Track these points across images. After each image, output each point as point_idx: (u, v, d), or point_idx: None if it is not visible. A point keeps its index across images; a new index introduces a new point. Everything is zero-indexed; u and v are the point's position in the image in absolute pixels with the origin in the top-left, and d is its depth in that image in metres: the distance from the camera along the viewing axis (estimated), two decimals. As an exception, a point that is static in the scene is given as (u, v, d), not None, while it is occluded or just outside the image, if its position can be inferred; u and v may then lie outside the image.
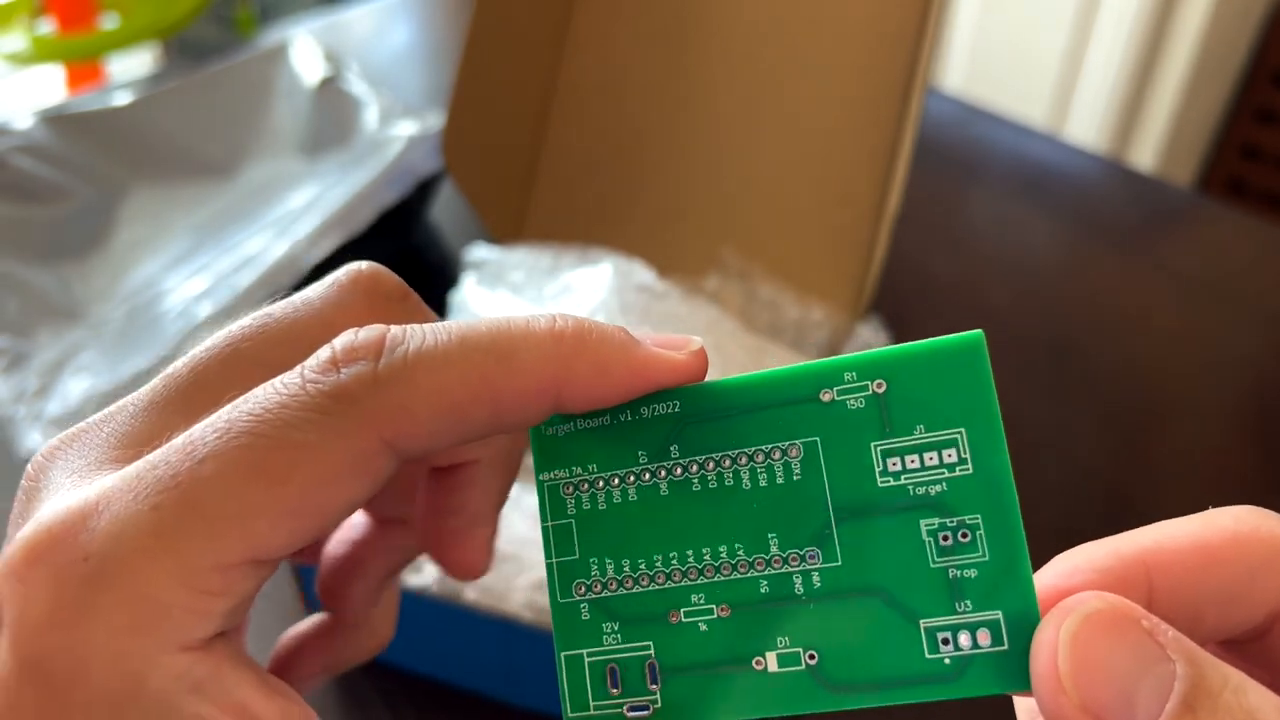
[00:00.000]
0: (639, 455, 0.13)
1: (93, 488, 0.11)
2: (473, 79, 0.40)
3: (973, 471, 0.12)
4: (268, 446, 0.11)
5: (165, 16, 0.91)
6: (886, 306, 0.37)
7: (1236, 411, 0.42)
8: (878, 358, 0.13)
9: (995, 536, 0.12)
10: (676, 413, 0.13)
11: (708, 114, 0.41)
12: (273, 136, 0.55)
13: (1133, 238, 0.53)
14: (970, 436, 0.12)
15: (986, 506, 0.12)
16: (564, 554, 0.13)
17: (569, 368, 0.12)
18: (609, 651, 0.13)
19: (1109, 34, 1.06)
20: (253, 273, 0.43)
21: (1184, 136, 1.14)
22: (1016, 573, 0.12)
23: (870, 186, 0.39)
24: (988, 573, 0.12)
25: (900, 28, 0.38)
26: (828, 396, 0.12)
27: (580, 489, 0.13)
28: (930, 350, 0.13)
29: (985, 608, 0.12)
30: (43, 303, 0.46)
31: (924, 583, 0.12)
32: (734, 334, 0.33)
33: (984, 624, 0.12)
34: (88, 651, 0.10)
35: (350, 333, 0.12)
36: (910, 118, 0.35)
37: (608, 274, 0.31)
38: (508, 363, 0.12)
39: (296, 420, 0.11)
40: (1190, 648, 0.11)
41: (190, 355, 0.13)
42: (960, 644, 0.12)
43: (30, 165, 0.50)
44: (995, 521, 0.12)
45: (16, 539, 0.11)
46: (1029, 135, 0.61)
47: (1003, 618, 0.12)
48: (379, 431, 0.11)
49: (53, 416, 0.40)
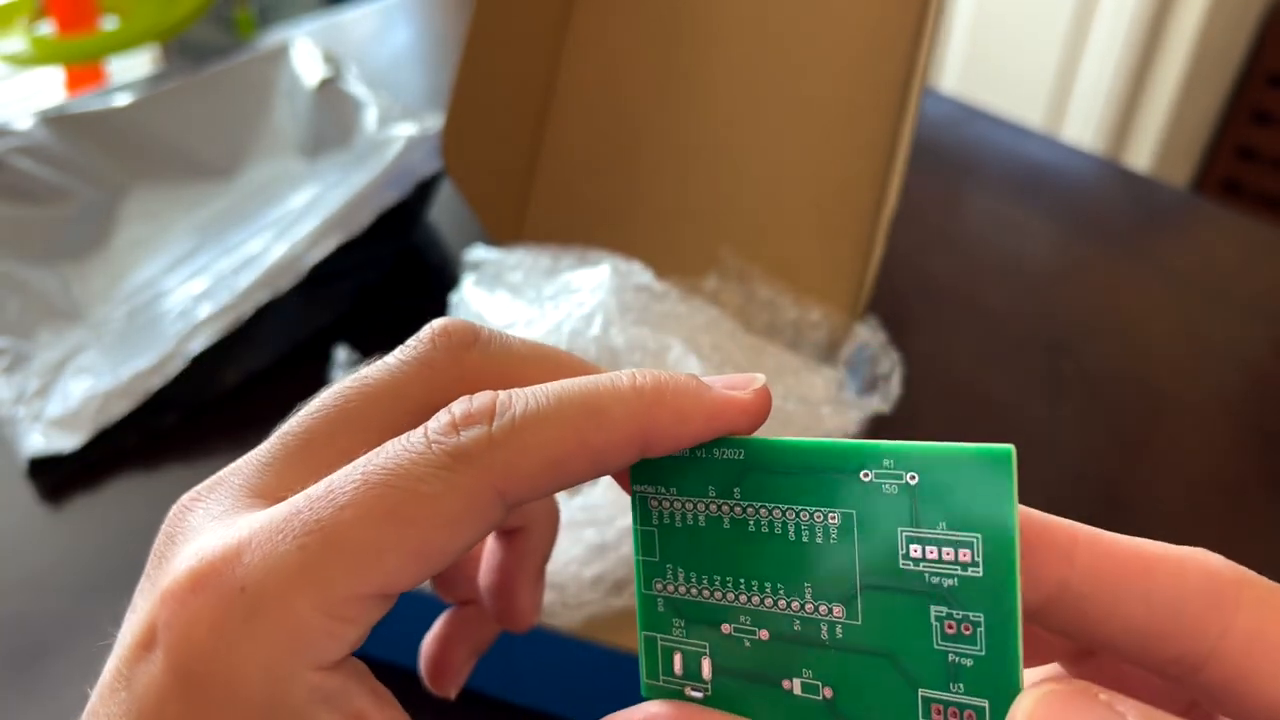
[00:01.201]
0: (709, 489, 0.15)
1: (240, 528, 0.13)
2: (472, 80, 0.40)
3: (982, 575, 0.13)
4: (399, 497, 0.13)
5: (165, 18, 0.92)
6: (884, 306, 0.38)
7: (1231, 410, 0.42)
8: (915, 451, 0.14)
9: (993, 636, 0.13)
10: (741, 460, 0.15)
11: (706, 115, 0.42)
12: (272, 137, 0.55)
13: (1128, 238, 0.54)
14: (985, 544, 0.13)
15: (989, 608, 0.13)
16: (648, 554, 0.15)
17: (652, 418, 0.14)
18: (676, 642, 0.15)
19: (1105, 36, 1.07)
20: (253, 273, 0.43)
21: (1180, 137, 1.14)
22: (1006, 671, 0.13)
23: (868, 187, 0.39)
24: (981, 665, 0.13)
25: (898, 28, 0.38)
26: (867, 477, 0.14)
27: (663, 505, 0.15)
28: (962, 455, 0.13)
29: (975, 694, 0.13)
30: (43, 303, 0.46)
31: (927, 659, 0.14)
32: (732, 334, 0.33)
33: (971, 707, 0.13)
34: (241, 668, 0.12)
35: (465, 400, 0.14)
36: (908, 118, 0.35)
37: (606, 274, 0.31)
38: (598, 419, 0.14)
39: (424, 475, 0.13)
40: (1144, 710, 0.12)
41: (301, 416, 0.15)
42: (949, 718, 0.13)
43: (31, 166, 0.50)
44: (995, 623, 0.13)
45: (179, 569, 0.13)
46: (1026, 136, 0.61)
47: (988, 707, 0.13)
48: (493, 484, 0.13)
49: (53, 417, 0.40)
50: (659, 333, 0.30)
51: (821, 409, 0.31)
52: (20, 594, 0.35)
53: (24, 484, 0.39)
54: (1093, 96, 1.10)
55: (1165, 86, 1.08)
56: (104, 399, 0.40)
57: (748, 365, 0.32)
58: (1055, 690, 0.12)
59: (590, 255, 0.34)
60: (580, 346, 0.29)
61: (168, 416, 0.41)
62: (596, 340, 0.29)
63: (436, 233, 0.52)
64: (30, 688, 0.32)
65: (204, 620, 0.12)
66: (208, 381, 0.42)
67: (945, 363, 0.45)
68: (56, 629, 0.34)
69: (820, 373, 0.33)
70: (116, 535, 0.37)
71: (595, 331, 0.29)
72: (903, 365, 0.34)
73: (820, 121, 0.40)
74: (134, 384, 0.41)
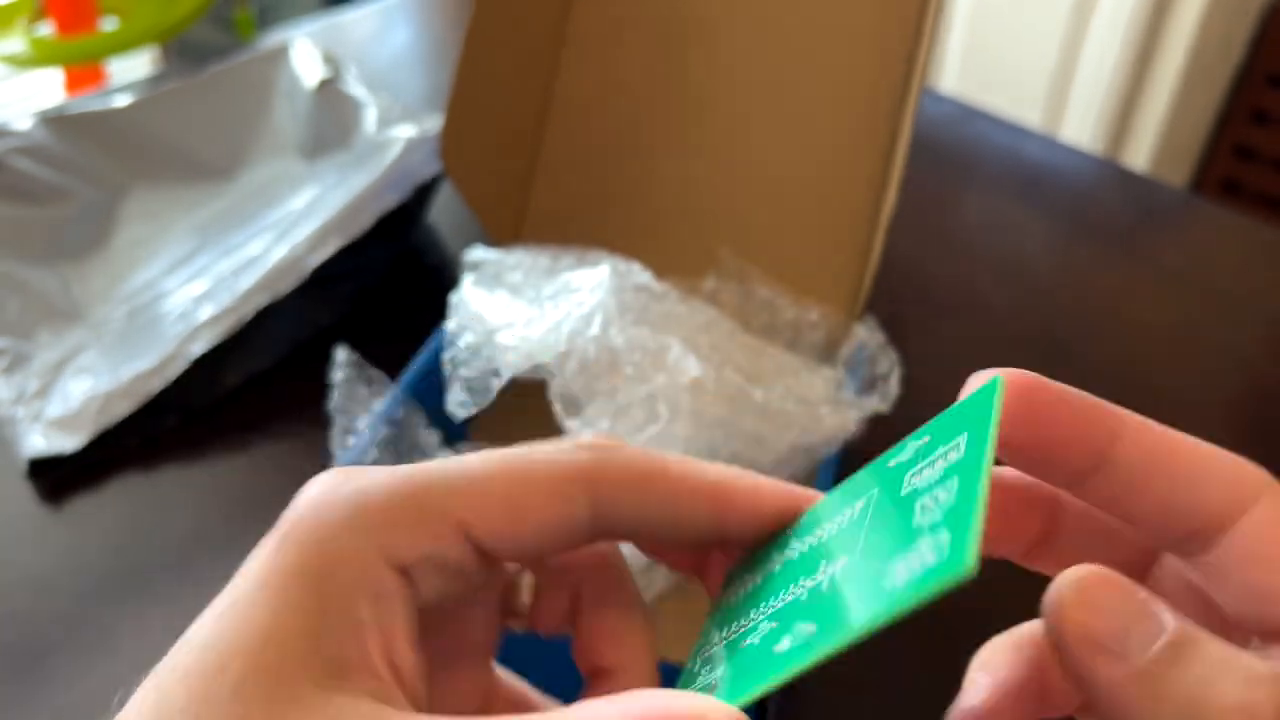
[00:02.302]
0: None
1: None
2: (471, 82, 0.40)
3: (962, 454, 0.14)
4: (521, 459, 0.16)
5: (165, 19, 0.92)
6: (882, 306, 0.38)
7: (1230, 410, 0.43)
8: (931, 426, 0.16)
9: (961, 488, 0.13)
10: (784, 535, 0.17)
11: (705, 116, 0.42)
12: (272, 138, 0.55)
13: (1127, 238, 0.54)
14: (967, 437, 0.14)
15: (962, 471, 0.14)
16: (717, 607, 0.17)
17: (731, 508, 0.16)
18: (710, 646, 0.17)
19: (1103, 35, 1.07)
20: (253, 275, 0.43)
21: (1178, 137, 1.14)
22: (966, 510, 0.13)
23: (866, 187, 0.39)
24: (945, 509, 0.14)
25: (897, 29, 0.38)
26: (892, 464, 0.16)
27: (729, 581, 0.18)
28: (961, 405, 0.15)
29: (935, 532, 0.13)
30: (43, 304, 0.46)
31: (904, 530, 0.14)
32: (731, 334, 0.33)
33: (933, 541, 0.13)
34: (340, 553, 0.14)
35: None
36: (906, 118, 0.35)
37: (605, 274, 0.31)
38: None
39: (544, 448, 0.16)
40: (1176, 614, 0.13)
41: None
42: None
43: (31, 166, 0.50)
44: (964, 477, 0.14)
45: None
46: (1024, 136, 0.62)
47: (947, 539, 0.13)
48: (590, 483, 0.16)
49: (53, 417, 0.40)
50: (658, 333, 0.30)
51: (820, 409, 0.31)
52: (20, 594, 0.35)
53: (24, 484, 0.39)
54: (1091, 96, 1.10)
55: (1164, 86, 1.08)
56: (104, 400, 0.40)
57: (746, 365, 0.32)
58: (1101, 571, 0.13)
59: (589, 255, 0.34)
60: (579, 346, 0.30)
61: (168, 418, 0.42)
62: (596, 340, 0.29)
63: (436, 234, 0.52)
64: (30, 688, 0.32)
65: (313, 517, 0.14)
66: (208, 383, 0.42)
67: (944, 362, 0.45)
68: (56, 629, 0.34)
69: (819, 373, 0.33)
70: (117, 536, 0.37)
71: (594, 331, 0.29)
72: (901, 365, 0.34)
73: (819, 122, 0.40)
74: (134, 385, 0.41)
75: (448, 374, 0.31)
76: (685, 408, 0.28)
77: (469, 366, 0.31)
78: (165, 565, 0.36)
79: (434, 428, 0.34)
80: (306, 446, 0.40)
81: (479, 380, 0.30)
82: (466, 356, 0.31)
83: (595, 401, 0.30)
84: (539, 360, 0.30)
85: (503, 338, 0.30)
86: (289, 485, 0.15)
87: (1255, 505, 0.15)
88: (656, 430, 0.29)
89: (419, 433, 0.34)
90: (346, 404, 0.34)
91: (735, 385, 0.29)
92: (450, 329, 0.32)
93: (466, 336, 0.31)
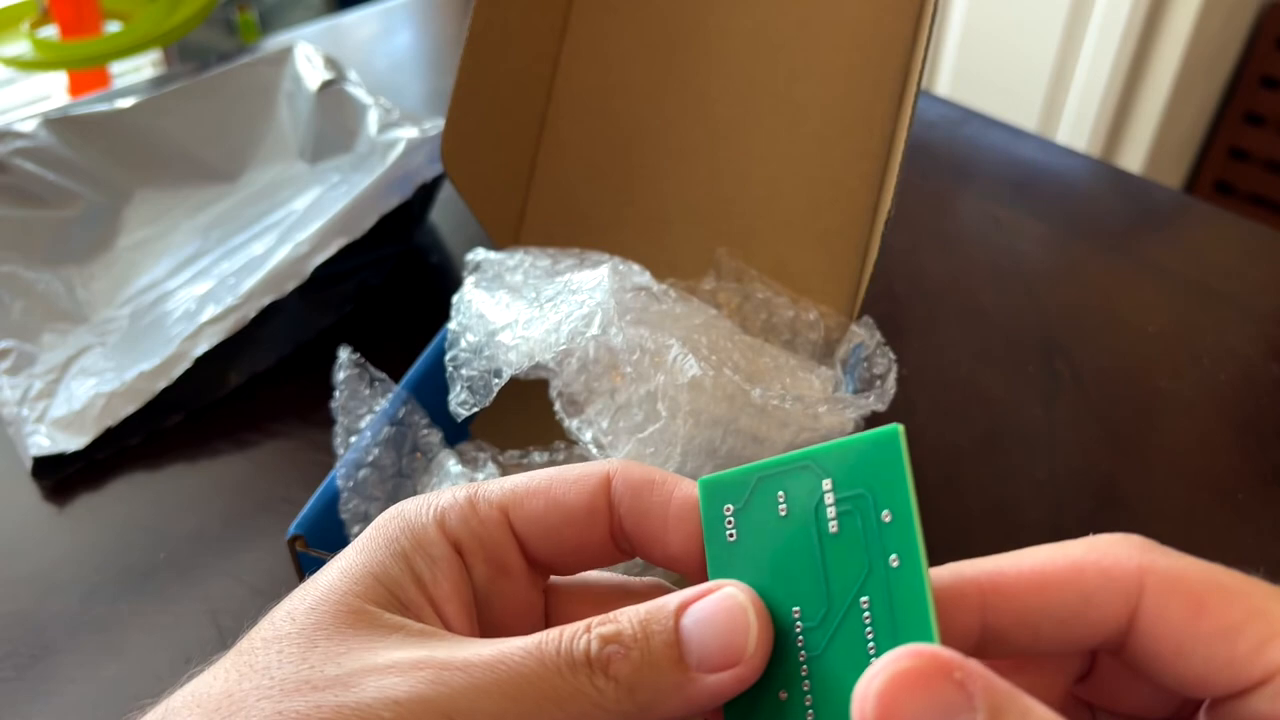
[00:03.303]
0: None
1: None
2: (472, 84, 0.40)
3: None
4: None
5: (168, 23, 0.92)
6: (880, 306, 0.38)
7: (1224, 410, 0.43)
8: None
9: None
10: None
11: (704, 118, 0.42)
12: (275, 141, 0.55)
13: (1122, 238, 0.54)
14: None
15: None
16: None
17: None
18: None
19: (1098, 38, 1.07)
20: (256, 275, 0.44)
21: (1173, 139, 1.14)
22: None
23: (863, 188, 0.39)
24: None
25: (894, 32, 0.39)
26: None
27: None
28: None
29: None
30: (47, 305, 0.46)
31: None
32: (730, 333, 0.33)
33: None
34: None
35: None
36: (903, 120, 0.36)
37: (605, 275, 0.31)
38: None
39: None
40: (996, 692, 0.12)
41: None
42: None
43: (35, 169, 0.50)
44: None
45: None
46: (1020, 137, 0.62)
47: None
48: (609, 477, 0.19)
49: (58, 417, 0.41)
50: (657, 332, 0.30)
51: (818, 408, 0.31)
52: (24, 593, 0.35)
53: (28, 484, 0.39)
54: (1086, 98, 1.11)
55: (1158, 88, 1.08)
56: (108, 400, 0.41)
57: (745, 364, 0.32)
58: (907, 668, 0.12)
59: (589, 256, 0.34)
60: (579, 346, 0.30)
61: (172, 417, 0.42)
62: (595, 340, 0.30)
63: (437, 235, 0.53)
64: (35, 686, 0.32)
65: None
66: (211, 383, 0.43)
67: (940, 362, 0.46)
68: (60, 628, 0.34)
69: (817, 372, 0.34)
70: (120, 535, 0.37)
71: (594, 331, 0.30)
72: (898, 365, 0.34)
73: (817, 123, 0.40)
74: (138, 385, 0.41)
75: (449, 374, 0.31)
76: (684, 407, 0.29)
77: (470, 366, 0.31)
78: (168, 564, 0.36)
79: (436, 427, 0.34)
80: (309, 446, 0.40)
81: (480, 380, 0.31)
82: (468, 356, 0.31)
83: (595, 401, 0.30)
84: (539, 360, 0.30)
85: (504, 337, 0.31)
86: (292, 484, 0.16)
87: (1141, 601, 0.14)
88: (656, 429, 0.29)
89: (421, 432, 0.34)
90: (349, 404, 0.35)
91: (734, 384, 0.29)
92: (452, 329, 0.32)
93: (468, 336, 0.32)
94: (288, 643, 0.15)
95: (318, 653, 0.15)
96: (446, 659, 0.14)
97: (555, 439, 0.34)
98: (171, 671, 0.13)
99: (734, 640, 0.15)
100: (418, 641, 0.15)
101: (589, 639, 0.15)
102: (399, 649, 0.15)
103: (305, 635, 0.15)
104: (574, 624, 0.15)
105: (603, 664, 0.15)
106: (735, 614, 0.15)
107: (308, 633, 0.15)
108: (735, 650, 0.15)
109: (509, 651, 0.15)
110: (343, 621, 0.15)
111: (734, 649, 0.15)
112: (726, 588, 0.15)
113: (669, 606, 0.15)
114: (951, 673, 0.12)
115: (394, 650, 0.15)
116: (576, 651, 0.15)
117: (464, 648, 0.15)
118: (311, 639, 0.15)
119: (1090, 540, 0.15)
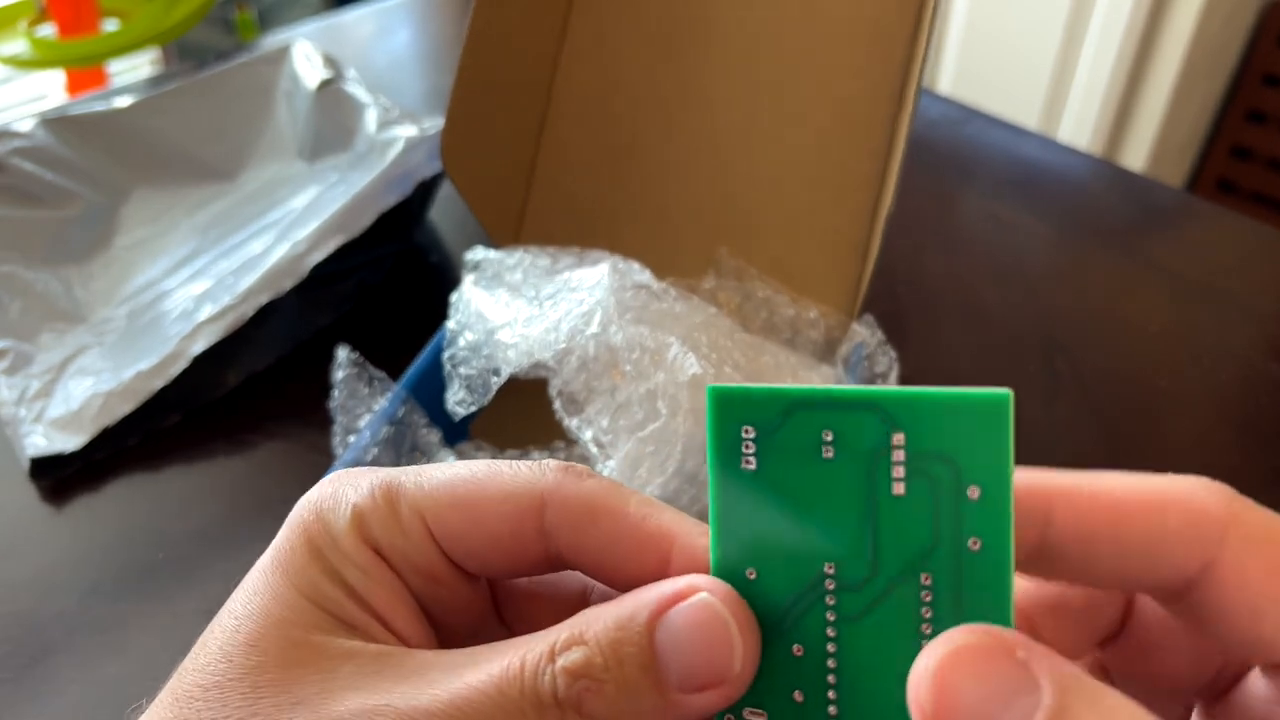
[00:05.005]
0: None
1: None
2: (471, 83, 0.40)
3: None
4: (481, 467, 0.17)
5: (166, 21, 0.92)
6: (880, 305, 0.38)
7: (1226, 409, 0.43)
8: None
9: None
10: None
11: (704, 116, 0.42)
12: (273, 139, 0.55)
13: (1124, 237, 0.54)
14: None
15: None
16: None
17: None
18: None
19: (1100, 35, 1.07)
20: (254, 274, 0.43)
21: (1175, 137, 1.14)
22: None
23: (865, 187, 0.39)
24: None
25: (895, 30, 0.38)
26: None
27: None
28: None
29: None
30: (45, 305, 0.46)
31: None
32: (730, 332, 0.33)
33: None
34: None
35: None
36: (904, 118, 0.36)
37: (605, 274, 0.31)
38: None
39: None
40: (1063, 674, 0.11)
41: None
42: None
43: (32, 168, 0.50)
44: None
45: None
46: (1021, 136, 0.62)
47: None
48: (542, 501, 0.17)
49: (55, 417, 0.41)
50: (657, 331, 0.30)
51: (818, 407, 0.31)
52: (22, 593, 0.35)
53: (26, 484, 0.39)
54: (1088, 96, 1.11)
55: (1160, 86, 1.08)
56: (106, 399, 0.40)
57: (745, 363, 0.32)
58: (959, 647, 0.12)
59: (589, 255, 0.34)
60: (579, 344, 0.30)
61: (169, 417, 0.42)
62: (595, 339, 0.30)
63: (437, 233, 0.53)
64: (33, 687, 0.32)
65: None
66: (209, 382, 0.43)
67: (941, 361, 0.45)
68: (58, 628, 0.34)
69: (818, 371, 0.33)
70: (118, 535, 0.37)
71: (594, 330, 0.30)
72: (899, 364, 0.34)
73: (817, 122, 0.40)
74: (136, 384, 0.41)
75: (447, 372, 0.31)
76: (684, 405, 0.29)
77: (469, 365, 0.31)
78: (167, 564, 0.36)
79: (435, 427, 0.34)
80: (308, 445, 0.40)
81: (479, 378, 0.31)
82: (467, 355, 0.31)
83: (595, 399, 0.30)
84: (539, 358, 0.30)
85: (503, 336, 0.31)
86: (290, 484, 0.16)
87: (1221, 551, 0.13)
88: (656, 427, 0.29)
89: (420, 432, 0.34)
90: (347, 403, 0.35)
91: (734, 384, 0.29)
92: (450, 327, 0.32)
93: (467, 335, 0.31)
94: (230, 691, 0.14)
95: (265, 703, 0.14)
96: (405, 709, 0.13)
97: (555, 438, 0.34)
98: (171, 672, 0.13)
99: (717, 657, 0.14)
100: (373, 676, 0.14)
101: (554, 675, 0.13)
102: (353, 691, 0.14)
103: (248, 681, 0.14)
104: (535, 647, 0.14)
105: (574, 703, 0.13)
106: (715, 627, 0.14)
107: (250, 678, 0.14)
108: (719, 668, 0.14)
109: (468, 695, 0.13)
110: (288, 660, 0.14)
111: (718, 667, 0.14)
112: (701, 592, 0.14)
113: (640, 620, 0.14)
114: (1014, 652, 0.11)
115: (347, 695, 0.14)
116: (543, 690, 0.13)
117: (421, 686, 0.14)
118: (255, 686, 0.14)
119: (1174, 478, 0.14)
